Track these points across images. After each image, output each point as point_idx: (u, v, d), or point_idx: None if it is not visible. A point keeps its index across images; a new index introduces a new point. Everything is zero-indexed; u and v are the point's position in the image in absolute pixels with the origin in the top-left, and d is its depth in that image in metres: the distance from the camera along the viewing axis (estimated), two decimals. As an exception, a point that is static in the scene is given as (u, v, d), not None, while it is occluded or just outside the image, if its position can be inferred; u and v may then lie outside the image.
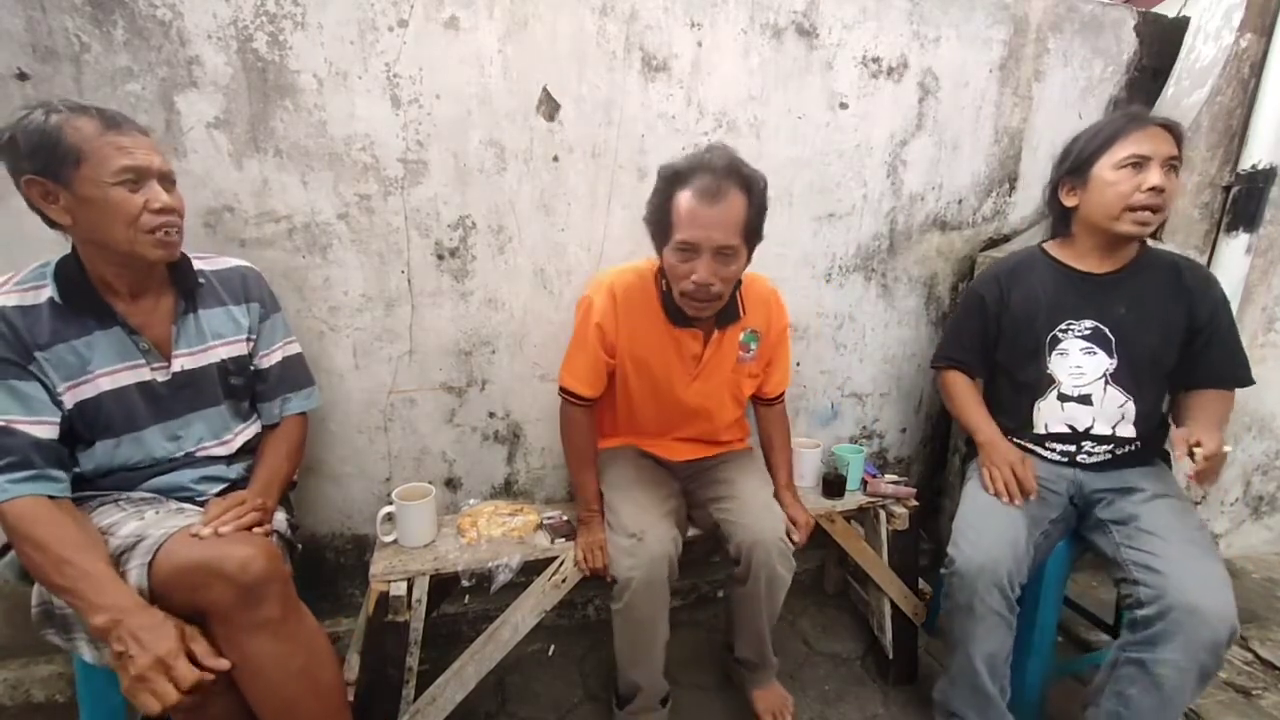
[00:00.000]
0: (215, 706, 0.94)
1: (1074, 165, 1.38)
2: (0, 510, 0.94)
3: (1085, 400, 1.41)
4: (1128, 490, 1.37)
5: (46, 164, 0.95)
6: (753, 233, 1.22)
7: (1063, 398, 1.42)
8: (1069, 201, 1.41)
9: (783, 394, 1.57)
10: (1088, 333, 1.40)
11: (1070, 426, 1.42)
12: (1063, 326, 1.42)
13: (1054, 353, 1.42)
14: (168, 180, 1.04)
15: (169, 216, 1.03)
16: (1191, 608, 1.13)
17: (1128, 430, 1.39)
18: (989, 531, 1.31)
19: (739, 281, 1.34)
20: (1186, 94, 1.85)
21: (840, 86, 1.68)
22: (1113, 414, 1.40)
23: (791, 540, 1.36)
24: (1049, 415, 1.44)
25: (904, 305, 1.92)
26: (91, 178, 0.95)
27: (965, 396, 1.55)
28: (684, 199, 1.15)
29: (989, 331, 1.50)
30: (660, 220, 1.21)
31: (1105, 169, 1.32)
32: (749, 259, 1.27)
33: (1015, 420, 1.50)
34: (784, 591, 1.37)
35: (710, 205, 1.12)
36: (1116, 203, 1.30)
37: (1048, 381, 1.44)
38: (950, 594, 1.32)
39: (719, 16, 1.54)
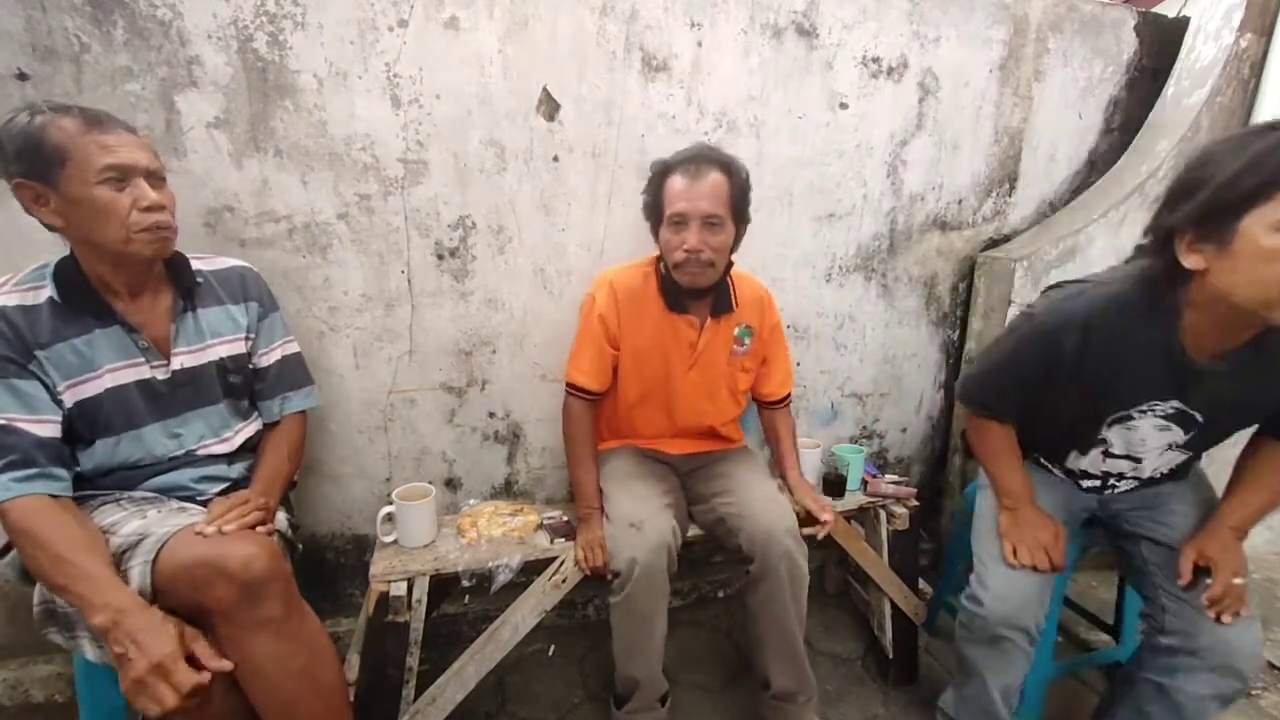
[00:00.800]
0: (217, 705, 0.94)
1: (1208, 210, 0.90)
2: (2, 509, 0.94)
3: (1134, 459, 1.21)
4: (1159, 507, 1.24)
5: (33, 166, 0.95)
6: (738, 210, 1.32)
7: (1109, 455, 1.22)
8: (1191, 263, 0.94)
9: (787, 397, 1.57)
10: (1170, 413, 1.12)
11: (1104, 473, 1.27)
12: (1142, 408, 1.12)
13: (1118, 425, 1.16)
14: (156, 177, 1.03)
15: (158, 214, 1.01)
16: (1223, 644, 1.07)
17: (1166, 470, 1.24)
18: (1019, 572, 1.19)
19: (730, 265, 1.40)
20: (1186, 94, 1.85)
21: (840, 86, 1.68)
22: (1158, 466, 1.23)
23: (820, 524, 1.41)
24: (1086, 464, 1.27)
25: (904, 305, 1.92)
26: (77, 177, 0.95)
27: (1004, 453, 1.29)
28: (673, 181, 1.29)
29: (1050, 384, 1.15)
30: (655, 205, 1.34)
31: (1262, 228, 0.85)
32: (737, 238, 1.35)
33: (1040, 451, 1.34)
34: (806, 586, 1.33)
35: (695, 180, 1.27)
36: (1278, 286, 0.86)
37: (1098, 444, 1.22)
38: (970, 627, 1.23)
39: (719, 16, 1.54)
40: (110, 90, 1.24)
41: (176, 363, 1.11)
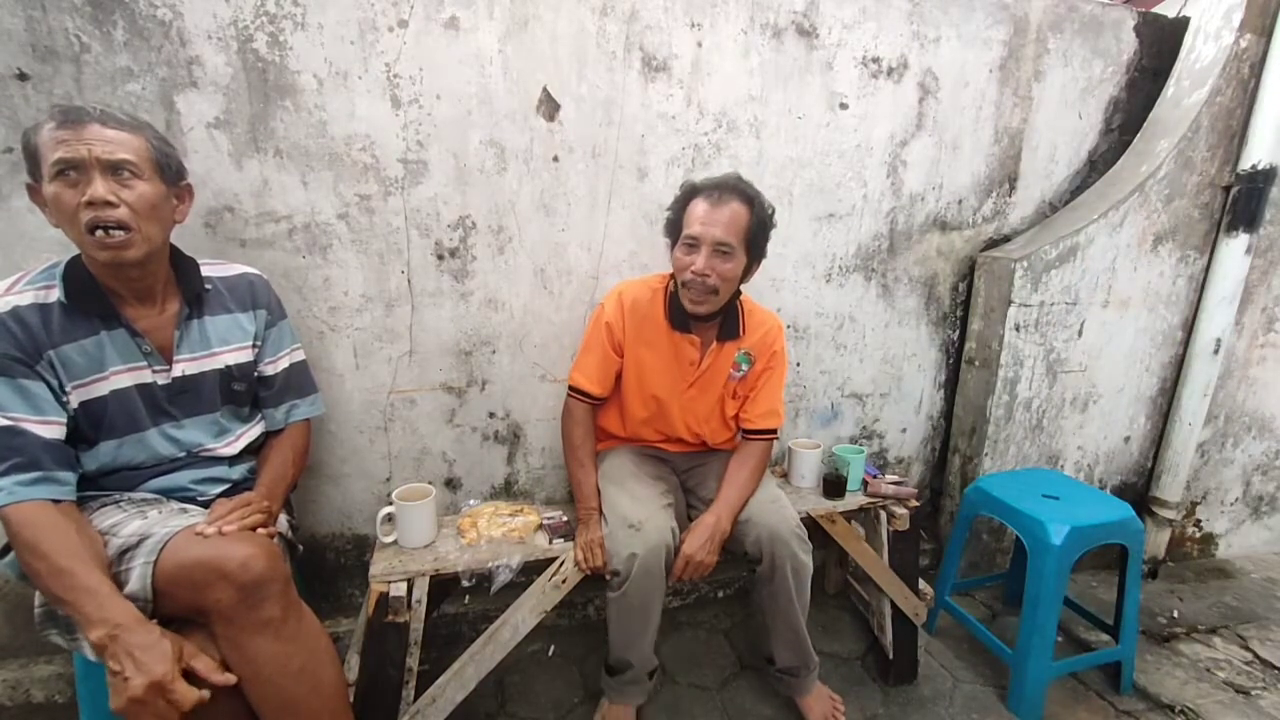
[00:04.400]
0: (217, 707, 0.94)
1: None
2: (4, 514, 0.94)
3: None
4: None
5: (30, 168, 0.98)
6: (752, 243, 1.34)
7: None
8: None
9: (767, 433, 1.49)
10: None
11: None
12: None
13: None
14: (120, 171, 0.96)
15: (99, 211, 0.94)
16: None
17: None
18: None
19: (739, 294, 1.43)
20: (1186, 94, 1.85)
21: (840, 86, 1.68)
22: None
23: (673, 570, 1.31)
24: None
25: (904, 305, 1.92)
26: (45, 175, 0.96)
27: None
28: (696, 204, 1.32)
29: None
30: (675, 223, 1.37)
31: None
32: (749, 270, 1.38)
33: None
34: (809, 578, 1.37)
35: (715, 208, 1.30)
36: None
37: None
38: None
39: (719, 16, 1.54)
40: (110, 91, 1.24)
41: (178, 369, 1.11)
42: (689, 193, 1.35)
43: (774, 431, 1.50)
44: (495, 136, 1.47)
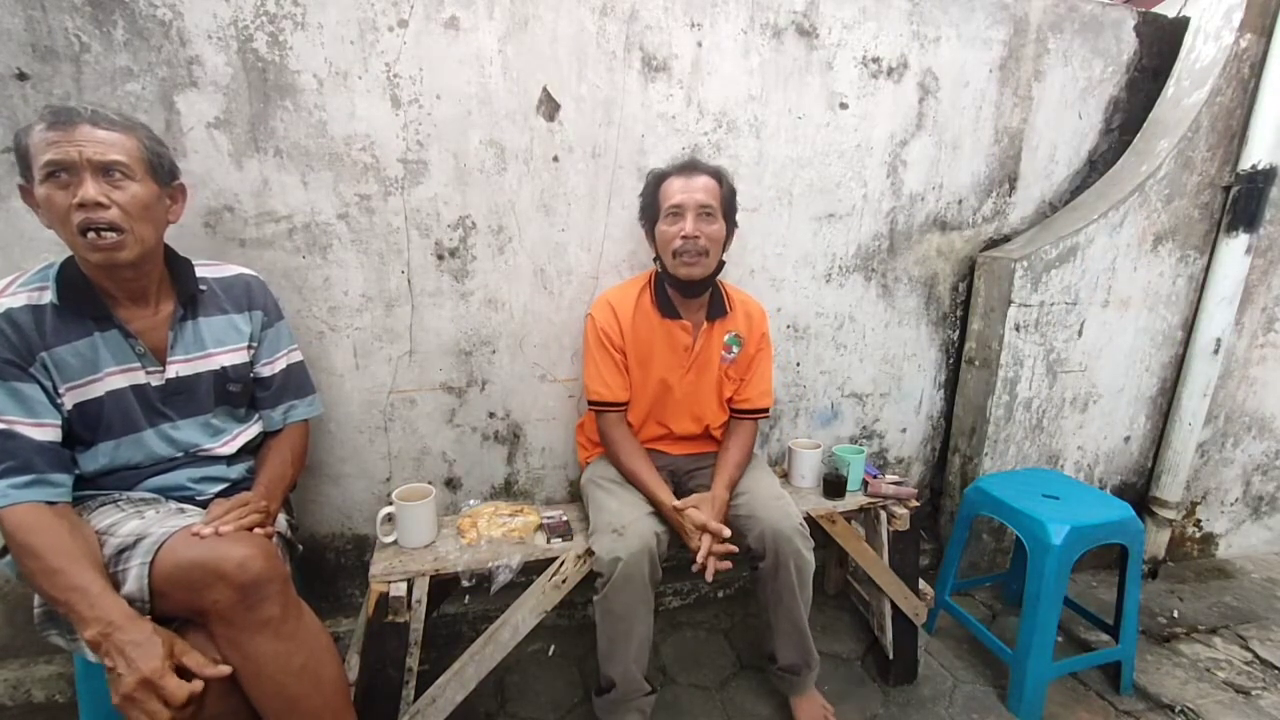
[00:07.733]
0: (218, 707, 0.94)
1: None
2: None
3: None
4: None
5: (22, 169, 0.98)
6: (727, 209, 1.42)
7: None
8: None
9: (761, 412, 1.55)
10: None
11: None
12: None
13: None
14: (111, 172, 0.96)
15: (90, 212, 0.94)
16: None
17: None
18: None
19: (722, 264, 1.45)
20: (1186, 94, 1.85)
21: (840, 86, 1.68)
22: None
23: (692, 547, 1.31)
24: None
25: (904, 305, 1.92)
26: (36, 177, 0.95)
27: None
28: (669, 182, 1.40)
29: None
30: (651, 205, 1.43)
31: None
32: (728, 236, 1.44)
33: None
34: (811, 575, 1.38)
35: (689, 178, 1.39)
36: None
37: None
38: None
39: (719, 16, 1.54)
40: (110, 91, 1.24)
41: (172, 370, 1.11)
42: (659, 177, 1.42)
43: (767, 410, 1.58)
44: (495, 136, 1.47)
